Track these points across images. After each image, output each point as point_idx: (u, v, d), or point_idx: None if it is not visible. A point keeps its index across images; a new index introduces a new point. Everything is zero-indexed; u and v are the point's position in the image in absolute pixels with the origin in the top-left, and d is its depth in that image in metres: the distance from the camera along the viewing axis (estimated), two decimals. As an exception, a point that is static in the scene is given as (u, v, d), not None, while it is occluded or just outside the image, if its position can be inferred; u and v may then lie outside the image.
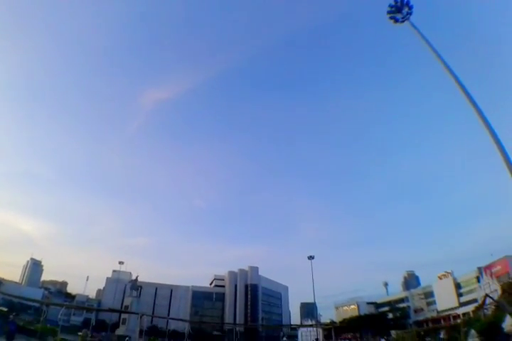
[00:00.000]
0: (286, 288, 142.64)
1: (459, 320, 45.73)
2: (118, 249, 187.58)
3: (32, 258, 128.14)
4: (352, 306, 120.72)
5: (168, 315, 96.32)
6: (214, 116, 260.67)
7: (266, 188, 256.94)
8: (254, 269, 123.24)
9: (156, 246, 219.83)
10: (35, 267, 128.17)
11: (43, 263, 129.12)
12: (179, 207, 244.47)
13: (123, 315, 46.62)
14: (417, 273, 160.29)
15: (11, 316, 26.58)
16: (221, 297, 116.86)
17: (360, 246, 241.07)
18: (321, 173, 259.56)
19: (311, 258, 70.96)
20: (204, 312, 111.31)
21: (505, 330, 8.74)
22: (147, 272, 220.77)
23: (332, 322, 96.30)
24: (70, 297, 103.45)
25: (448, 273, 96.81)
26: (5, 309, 48.58)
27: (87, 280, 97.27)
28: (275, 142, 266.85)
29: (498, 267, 75.56)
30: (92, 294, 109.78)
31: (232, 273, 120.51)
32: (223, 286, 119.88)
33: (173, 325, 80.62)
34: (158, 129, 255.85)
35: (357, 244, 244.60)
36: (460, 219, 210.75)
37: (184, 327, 61.93)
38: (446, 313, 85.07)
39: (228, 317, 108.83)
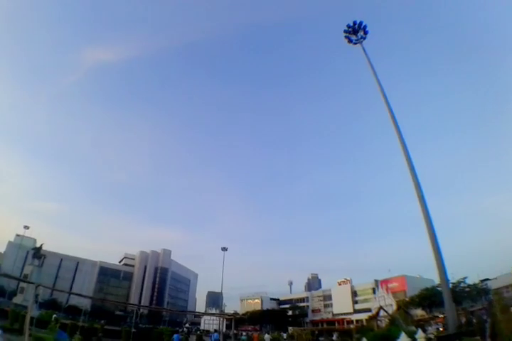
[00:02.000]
0: (195, 276, 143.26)
1: (351, 326, 49.73)
2: (25, 212, 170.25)
3: None
4: (256, 300, 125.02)
5: (71, 289, 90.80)
6: (152, 88, 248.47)
7: (193, 173, 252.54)
8: (167, 252, 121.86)
9: (68, 215, 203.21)
10: None
11: None
12: (100, 176, 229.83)
13: (21, 284, 43.56)
14: (320, 277, 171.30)
15: None
16: (129, 276, 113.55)
17: (272, 245, 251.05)
18: (247, 170, 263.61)
19: (224, 249, 71.95)
20: (109, 290, 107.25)
21: None
22: (53, 241, 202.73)
23: (235, 313, 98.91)
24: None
25: (347, 280, 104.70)
26: None
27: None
28: (209, 132, 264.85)
29: (395, 283, 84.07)
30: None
31: (143, 254, 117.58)
32: (133, 266, 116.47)
33: (75, 300, 76.70)
34: (94, 90, 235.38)
35: (269, 242, 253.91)
36: (369, 233, 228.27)
37: (86, 304, 59.35)
38: (341, 317, 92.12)
39: (134, 298, 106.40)
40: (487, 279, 66.63)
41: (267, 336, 36.70)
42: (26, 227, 73.50)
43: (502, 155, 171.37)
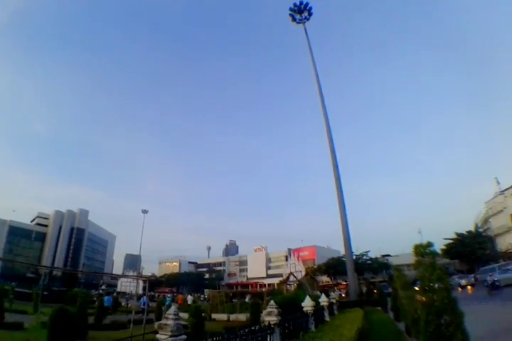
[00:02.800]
0: (113, 237, 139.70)
1: (264, 289, 53.54)
2: None
3: None
4: (174, 263, 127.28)
5: None
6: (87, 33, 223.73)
7: (115, 131, 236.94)
8: (84, 213, 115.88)
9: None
10: None
11: None
12: (14, 126, 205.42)
13: None
14: (237, 243, 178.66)
15: None
16: (42, 237, 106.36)
17: (193, 211, 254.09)
18: (173, 136, 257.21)
19: (144, 212, 71.02)
20: (20, 251, 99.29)
21: (304, 309, 10.69)
22: None
23: (152, 276, 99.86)
24: None
25: (263, 247, 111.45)
26: None
27: None
28: (142, 96, 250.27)
29: (306, 252, 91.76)
30: None
31: (59, 213, 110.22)
32: (46, 226, 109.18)
33: None
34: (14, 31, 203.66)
35: (190, 208, 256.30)
36: (287, 205, 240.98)
37: None
38: (255, 281, 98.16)
39: (47, 260, 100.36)
40: (388, 255, 75.52)
41: (189, 297, 38.26)
42: None
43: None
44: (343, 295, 34.78)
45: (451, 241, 57.52)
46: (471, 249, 53.21)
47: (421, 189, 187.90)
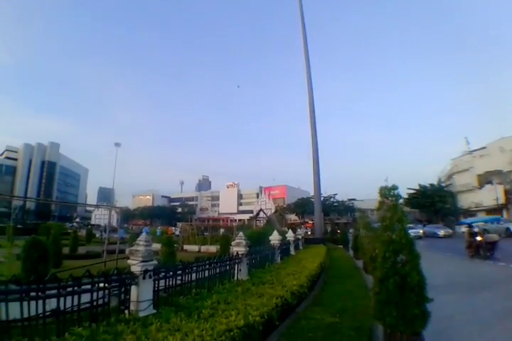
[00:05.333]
0: (86, 171, 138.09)
1: (234, 224, 55.85)
2: None
3: None
4: (148, 196, 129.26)
5: None
6: None
7: (84, 62, 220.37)
8: (55, 146, 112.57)
9: None
10: None
11: None
12: None
13: None
14: (210, 179, 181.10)
15: None
16: (12, 171, 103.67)
17: (167, 146, 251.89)
18: (148, 64, 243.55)
19: (117, 145, 69.77)
20: None
21: (271, 242, 11.33)
22: None
23: (126, 208, 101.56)
24: None
25: (235, 184, 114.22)
26: None
27: None
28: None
29: (277, 191, 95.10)
30: None
31: (28, 147, 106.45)
32: (16, 159, 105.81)
33: None
34: None
35: (164, 142, 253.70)
36: (261, 144, 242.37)
37: None
38: (226, 216, 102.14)
39: (19, 194, 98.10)
40: (354, 199, 79.26)
41: (177, 229, 38.80)
42: None
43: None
44: (309, 233, 36.97)
45: (413, 192, 60.53)
46: (432, 201, 56.14)
47: (392, 140, 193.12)
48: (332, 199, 75.05)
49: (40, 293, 3.39)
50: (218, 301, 4.76)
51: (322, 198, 44.74)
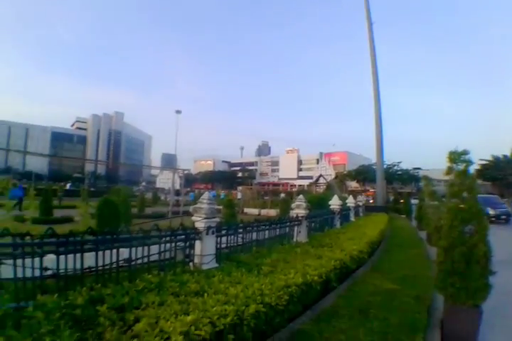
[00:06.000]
0: (149, 138, 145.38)
1: (294, 189, 56.13)
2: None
3: None
4: (209, 161, 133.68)
5: (25, 156, 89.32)
6: None
7: (140, 30, 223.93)
8: (120, 115, 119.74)
9: (11, 78, 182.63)
10: None
11: None
12: (43, 34, 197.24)
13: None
14: (270, 144, 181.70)
15: None
16: (83, 140, 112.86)
17: (227, 111, 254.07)
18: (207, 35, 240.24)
19: (178, 112, 71.52)
20: (64, 154, 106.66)
21: (331, 207, 11.25)
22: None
23: (188, 171, 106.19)
24: None
25: (295, 149, 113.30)
26: None
27: None
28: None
29: (337, 157, 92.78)
30: None
31: (96, 117, 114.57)
32: (85, 129, 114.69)
33: (31, 166, 76.76)
34: None
35: (224, 107, 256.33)
36: (322, 110, 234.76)
37: (43, 168, 59.43)
38: (285, 181, 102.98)
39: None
40: (419, 168, 74.15)
41: (239, 193, 40.02)
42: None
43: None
44: (371, 201, 35.96)
45: (486, 163, 55.73)
46: (504, 174, 51.65)
47: (465, 108, 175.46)
48: (396, 168, 71.22)
49: (113, 244, 3.78)
50: (278, 260, 4.94)
51: (385, 166, 43.02)
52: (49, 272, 3.39)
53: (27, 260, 3.28)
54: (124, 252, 3.88)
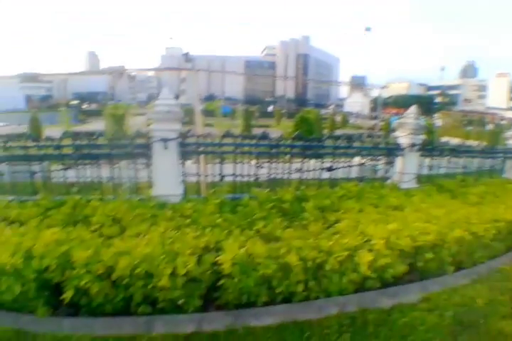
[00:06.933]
0: (337, 60, 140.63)
1: (502, 122, 46.13)
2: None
3: (89, 51, 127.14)
4: (403, 84, 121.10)
5: (223, 85, 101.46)
6: None
7: None
8: (306, 39, 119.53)
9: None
10: (92, 58, 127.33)
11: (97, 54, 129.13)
12: None
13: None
14: (477, 65, 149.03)
15: (85, 105, 28.84)
16: (272, 66, 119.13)
17: (424, 25, 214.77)
18: None
19: (367, 30, 64.99)
20: (256, 79, 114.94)
21: None
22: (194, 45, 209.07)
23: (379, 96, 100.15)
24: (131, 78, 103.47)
25: (507, 73, 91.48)
26: (76, 101, 50.00)
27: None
28: None
29: None
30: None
31: (283, 43, 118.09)
32: (274, 55, 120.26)
33: (228, 94, 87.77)
34: None
35: (420, 21, 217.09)
36: None
37: (238, 94, 66.39)
38: (493, 111, 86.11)
39: (279, 86, 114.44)
40: None
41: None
42: (171, 38, 76.83)
43: None
44: None
45: None
46: None
47: None
48: None
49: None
50: (486, 192, 4.57)
51: None
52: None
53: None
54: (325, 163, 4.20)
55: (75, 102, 45.74)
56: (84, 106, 44.50)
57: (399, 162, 4.34)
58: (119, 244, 2.82)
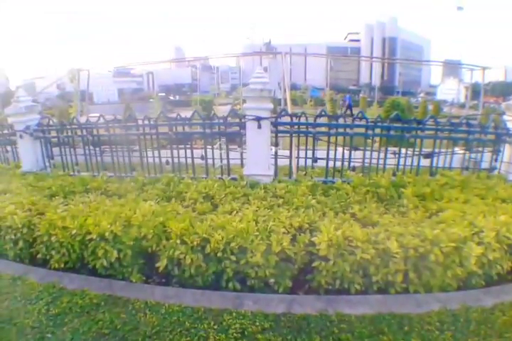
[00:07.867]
0: (428, 42, 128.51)
1: None
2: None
3: (176, 46, 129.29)
4: (501, 70, 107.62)
5: (305, 72, 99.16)
6: None
7: None
8: (393, 20, 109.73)
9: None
10: (179, 52, 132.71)
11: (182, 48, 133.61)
12: None
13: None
14: None
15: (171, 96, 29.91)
16: (356, 51, 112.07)
17: None
18: None
19: (459, 9, 58.56)
20: (340, 67, 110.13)
21: None
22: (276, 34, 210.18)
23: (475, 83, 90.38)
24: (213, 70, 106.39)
25: None
26: (163, 93, 52.76)
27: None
28: None
29: None
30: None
31: (368, 26, 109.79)
32: (358, 40, 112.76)
33: (310, 82, 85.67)
34: None
35: None
36: None
37: (321, 83, 64.80)
38: None
39: (364, 73, 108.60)
40: None
41: None
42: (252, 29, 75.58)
43: None
44: None
45: None
46: None
47: None
48: None
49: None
50: None
51: None
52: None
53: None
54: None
55: (162, 94, 48.65)
56: (171, 97, 46.87)
57: (507, 150, 3.79)
58: (213, 218, 2.88)
